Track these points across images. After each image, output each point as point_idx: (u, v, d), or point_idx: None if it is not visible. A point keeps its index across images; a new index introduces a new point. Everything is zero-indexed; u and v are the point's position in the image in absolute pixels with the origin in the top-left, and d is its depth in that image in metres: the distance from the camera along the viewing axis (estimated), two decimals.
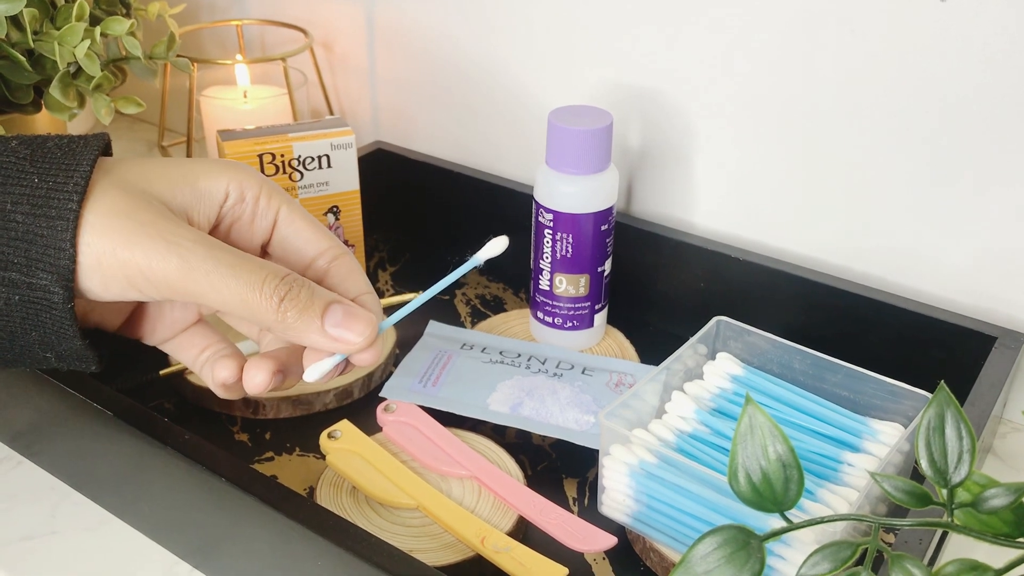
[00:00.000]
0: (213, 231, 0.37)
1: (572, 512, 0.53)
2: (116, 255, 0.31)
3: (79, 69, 0.67)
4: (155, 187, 0.34)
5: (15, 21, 0.63)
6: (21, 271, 0.30)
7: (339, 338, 0.34)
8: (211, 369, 0.38)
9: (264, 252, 0.39)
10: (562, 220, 0.61)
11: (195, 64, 0.78)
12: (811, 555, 0.34)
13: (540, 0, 0.72)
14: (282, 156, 0.62)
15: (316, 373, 0.36)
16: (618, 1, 0.68)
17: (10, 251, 0.30)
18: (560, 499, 0.54)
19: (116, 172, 0.33)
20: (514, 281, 0.75)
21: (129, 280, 0.32)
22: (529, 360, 0.63)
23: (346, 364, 0.37)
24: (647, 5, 0.67)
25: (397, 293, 0.71)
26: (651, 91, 0.69)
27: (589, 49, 0.71)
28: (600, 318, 0.66)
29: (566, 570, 0.47)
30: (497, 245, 0.39)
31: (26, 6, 0.62)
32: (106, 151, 0.35)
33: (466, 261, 0.39)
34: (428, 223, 0.79)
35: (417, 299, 0.39)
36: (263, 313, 0.33)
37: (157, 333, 0.39)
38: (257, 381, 0.36)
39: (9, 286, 0.31)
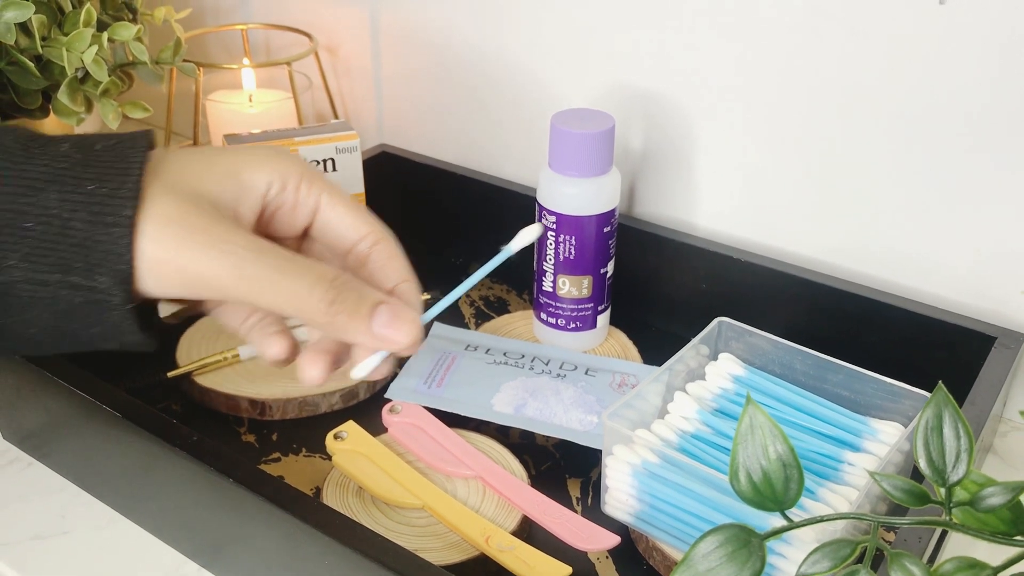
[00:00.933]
0: (259, 220, 0.37)
1: (576, 511, 0.54)
2: (171, 262, 0.32)
3: (87, 74, 0.68)
4: (203, 185, 0.34)
5: (24, 27, 0.63)
6: (82, 275, 0.32)
7: (385, 338, 0.36)
8: (260, 341, 0.39)
9: (306, 235, 0.39)
10: (565, 222, 0.62)
11: (201, 68, 0.79)
12: (811, 553, 0.34)
13: (544, 3, 0.72)
14: None
15: (363, 371, 0.38)
16: (621, 4, 0.68)
17: (71, 256, 0.31)
18: (564, 499, 0.55)
19: (165, 172, 0.34)
20: (517, 283, 0.76)
21: (184, 284, 0.33)
22: (533, 361, 0.64)
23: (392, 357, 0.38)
24: (650, 8, 0.67)
25: None
26: (653, 93, 0.69)
27: (592, 52, 0.71)
28: (603, 319, 0.66)
29: (570, 569, 0.48)
30: (530, 233, 0.39)
31: (34, 12, 0.62)
32: (150, 147, 0.36)
33: (499, 252, 0.39)
34: (432, 225, 0.80)
35: (453, 293, 0.39)
36: (314, 316, 0.34)
37: (208, 303, 0.40)
38: (313, 375, 0.37)
39: (72, 288, 0.32)
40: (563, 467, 0.58)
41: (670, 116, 0.69)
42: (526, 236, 0.39)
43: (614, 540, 0.50)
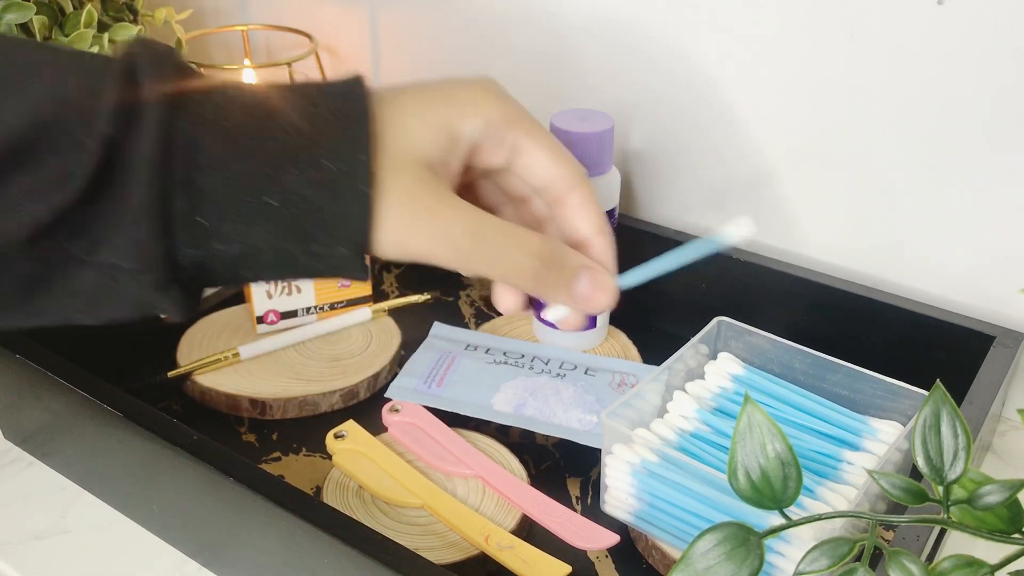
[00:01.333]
0: (463, 164, 0.38)
1: (575, 510, 0.54)
2: (398, 239, 0.35)
3: None
4: (420, 148, 0.36)
5: (25, 28, 0.64)
6: (323, 245, 0.34)
7: (583, 302, 0.38)
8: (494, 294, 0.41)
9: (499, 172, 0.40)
10: None
11: (202, 69, 0.79)
12: (810, 551, 0.34)
13: (544, 3, 0.72)
14: None
15: (556, 315, 0.40)
16: (621, 4, 0.68)
17: (313, 230, 0.34)
18: (563, 498, 0.55)
19: (389, 138, 0.35)
20: None
21: (406, 255, 0.36)
22: (532, 361, 0.64)
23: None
24: (649, 8, 0.67)
25: (403, 295, 0.72)
26: (652, 93, 0.69)
27: (591, 52, 0.71)
28: (602, 319, 0.67)
29: (569, 568, 0.48)
30: (744, 227, 0.37)
31: (35, 14, 0.62)
32: (367, 99, 0.36)
33: (703, 240, 0.38)
34: None
35: (655, 264, 0.39)
36: (522, 285, 0.38)
37: None
38: (508, 306, 0.41)
39: (312, 257, 0.34)
40: (563, 466, 0.58)
41: (669, 116, 0.69)
42: (740, 230, 0.37)
43: (613, 539, 0.50)
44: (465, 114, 0.37)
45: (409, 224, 0.35)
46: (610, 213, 0.62)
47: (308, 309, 0.67)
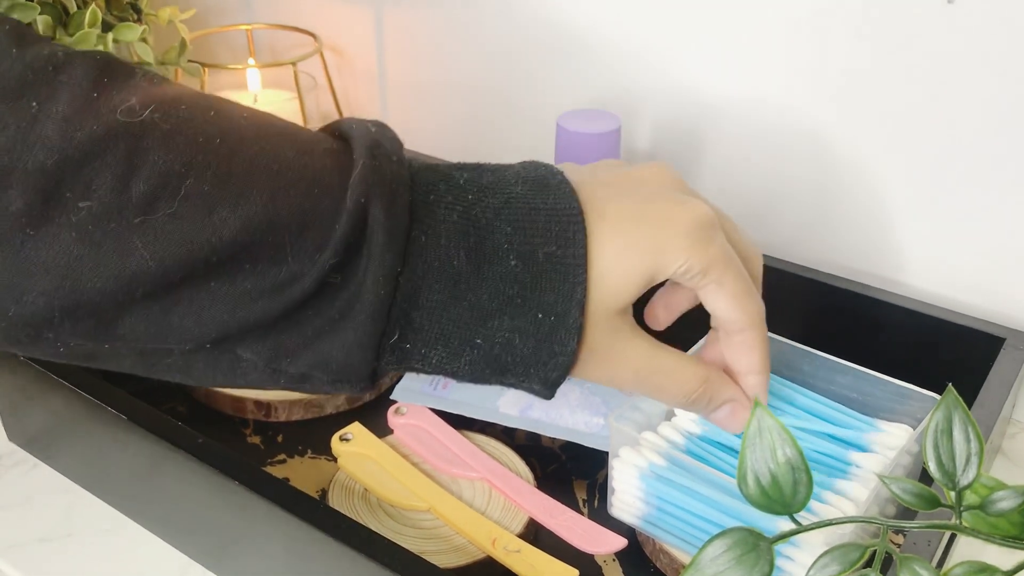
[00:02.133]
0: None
1: (582, 514, 0.53)
2: (581, 374, 0.37)
3: None
4: (620, 298, 0.36)
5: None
6: (516, 379, 0.36)
7: (718, 424, 0.42)
8: None
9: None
10: None
11: (206, 69, 0.79)
12: (820, 557, 0.34)
13: (550, 3, 0.72)
14: None
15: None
16: (627, 4, 0.68)
17: (511, 366, 0.35)
18: (570, 501, 0.54)
19: (592, 290, 0.36)
20: None
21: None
22: None
23: None
24: (655, 8, 0.67)
25: None
26: (659, 94, 0.69)
27: (598, 52, 0.71)
28: None
29: (576, 572, 0.48)
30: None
31: (39, 14, 0.62)
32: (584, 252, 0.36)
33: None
34: None
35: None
36: (678, 405, 0.41)
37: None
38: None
39: (504, 383, 0.36)
40: (569, 469, 0.57)
41: (676, 117, 0.69)
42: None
43: (621, 543, 0.50)
44: (667, 263, 0.37)
45: (593, 367, 0.37)
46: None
47: None
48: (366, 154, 0.33)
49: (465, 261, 0.34)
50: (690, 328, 0.64)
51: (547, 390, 0.37)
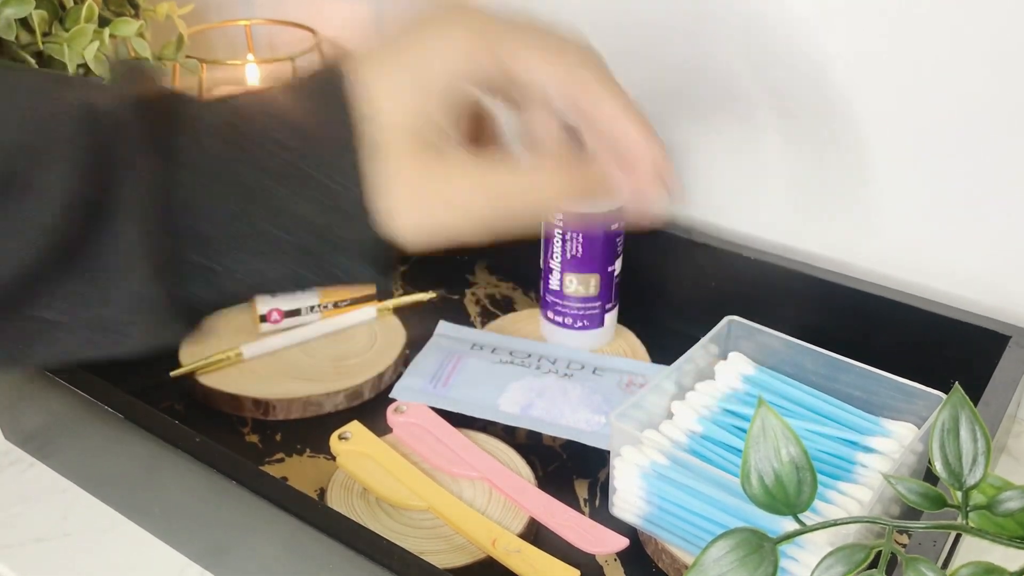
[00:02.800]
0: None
1: (583, 513, 0.53)
2: (417, 226, 0.34)
3: (88, 71, 0.67)
4: (405, 124, 0.34)
5: (24, 23, 0.63)
6: (339, 257, 0.34)
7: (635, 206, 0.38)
8: None
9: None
10: (572, 220, 0.61)
11: (204, 65, 0.78)
12: (825, 558, 0.34)
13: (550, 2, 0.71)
14: None
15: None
16: (628, 2, 0.68)
17: (326, 251, 0.33)
18: (571, 500, 0.54)
19: (376, 128, 0.33)
20: (524, 281, 0.75)
21: (437, 238, 0.35)
22: (539, 360, 0.63)
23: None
24: (658, 5, 0.66)
25: (407, 293, 0.71)
26: (661, 89, 0.69)
27: (602, 45, 0.71)
28: (611, 318, 0.66)
29: (577, 572, 0.47)
30: None
31: (35, 8, 0.62)
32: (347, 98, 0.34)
33: None
34: None
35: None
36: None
37: None
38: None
39: (328, 276, 0.34)
40: (570, 468, 0.57)
41: (678, 112, 0.69)
42: None
43: (622, 543, 0.50)
44: (432, 67, 0.35)
45: (421, 210, 0.34)
46: (617, 211, 0.62)
47: (312, 307, 0.66)
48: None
49: (222, 143, 0.33)
50: (690, 325, 0.64)
51: (373, 268, 0.34)
